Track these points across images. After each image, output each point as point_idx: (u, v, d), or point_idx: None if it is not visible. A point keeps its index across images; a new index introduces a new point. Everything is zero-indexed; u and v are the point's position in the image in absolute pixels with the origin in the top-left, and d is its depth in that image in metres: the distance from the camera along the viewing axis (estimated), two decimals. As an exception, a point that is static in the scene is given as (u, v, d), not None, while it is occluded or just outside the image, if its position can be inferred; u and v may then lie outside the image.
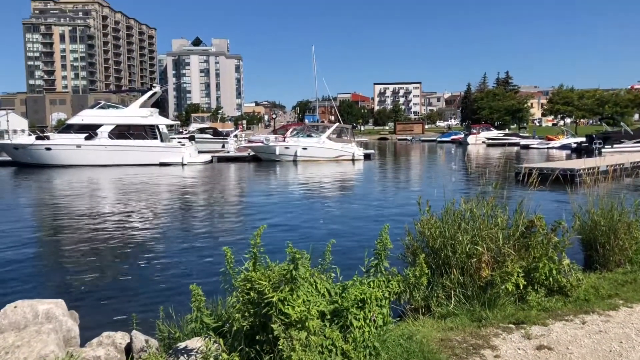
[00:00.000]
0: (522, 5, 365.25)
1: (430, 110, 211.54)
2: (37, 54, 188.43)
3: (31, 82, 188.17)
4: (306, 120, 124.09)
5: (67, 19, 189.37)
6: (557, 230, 6.80)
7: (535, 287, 6.41)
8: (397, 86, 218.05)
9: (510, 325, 5.66)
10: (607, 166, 22.28)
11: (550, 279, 6.40)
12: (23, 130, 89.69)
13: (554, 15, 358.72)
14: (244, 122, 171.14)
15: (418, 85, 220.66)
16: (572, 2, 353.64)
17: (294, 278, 3.91)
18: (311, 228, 14.91)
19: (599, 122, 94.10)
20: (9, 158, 42.35)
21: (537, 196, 8.33)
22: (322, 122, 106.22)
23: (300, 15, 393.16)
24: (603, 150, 45.84)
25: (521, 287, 6.19)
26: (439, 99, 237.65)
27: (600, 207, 8.33)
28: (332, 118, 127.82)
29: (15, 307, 5.14)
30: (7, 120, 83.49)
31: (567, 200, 9.43)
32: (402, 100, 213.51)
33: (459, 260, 6.43)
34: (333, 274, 4.77)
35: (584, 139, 54.62)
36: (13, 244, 13.16)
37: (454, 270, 6.40)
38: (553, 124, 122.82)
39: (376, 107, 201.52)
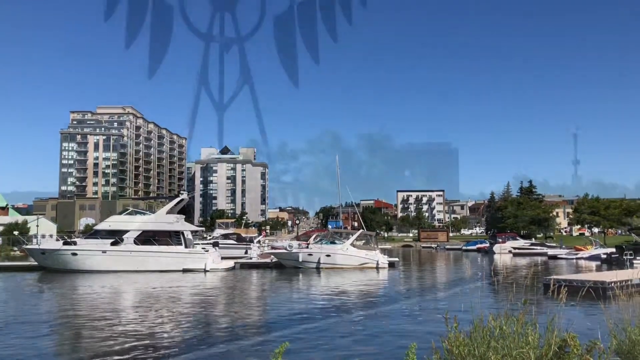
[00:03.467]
0: (538, 118, 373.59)
1: (454, 218, 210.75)
2: (71, 162, 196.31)
3: (63, 187, 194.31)
4: (329, 226, 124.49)
5: (103, 128, 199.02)
6: (593, 350, 6.46)
7: (573, 414, 5.99)
8: (420, 194, 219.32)
9: None
10: (640, 279, 21.57)
11: (589, 404, 5.99)
12: (51, 235, 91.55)
13: (572, 124, 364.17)
14: (268, 227, 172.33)
15: (441, 193, 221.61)
16: (588, 116, 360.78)
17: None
18: (334, 345, 14.44)
19: (628, 232, 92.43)
20: (36, 263, 42.80)
21: (568, 311, 8.03)
22: (346, 228, 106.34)
23: (325, 123, 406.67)
24: (635, 261, 44.62)
25: (558, 413, 5.79)
26: (462, 207, 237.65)
27: (637, 324, 7.93)
28: (356, 224, 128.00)
29: None
30: (37, 225, 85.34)
31: (601, 315, 9.06)
32: (425, 207, 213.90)
33: (490, 381, 6.10)
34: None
35: (613, 250, 53.36)
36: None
37: (485, 393, 6.05)
38: (581, 234, 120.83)
39: (399, 214, 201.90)
